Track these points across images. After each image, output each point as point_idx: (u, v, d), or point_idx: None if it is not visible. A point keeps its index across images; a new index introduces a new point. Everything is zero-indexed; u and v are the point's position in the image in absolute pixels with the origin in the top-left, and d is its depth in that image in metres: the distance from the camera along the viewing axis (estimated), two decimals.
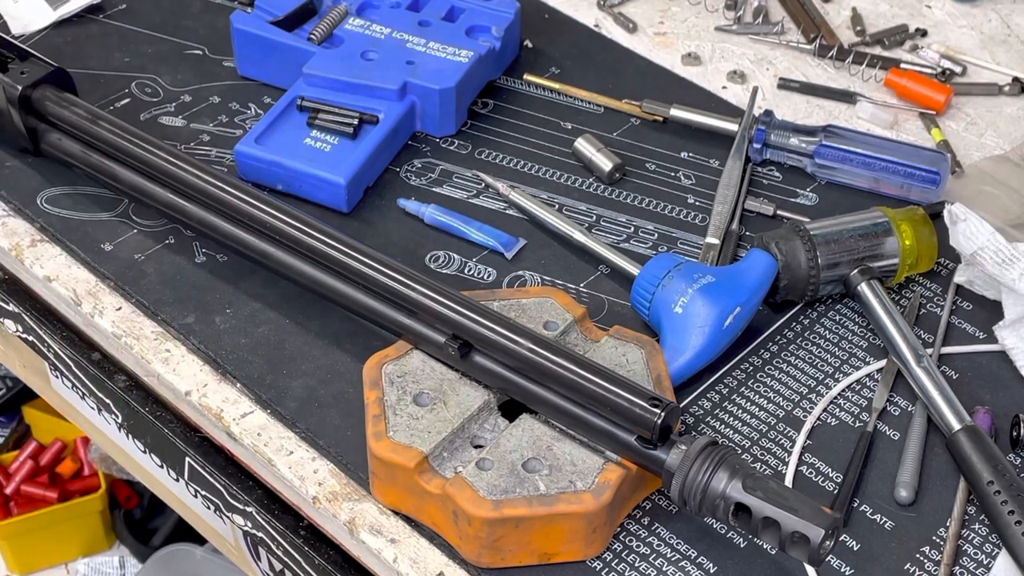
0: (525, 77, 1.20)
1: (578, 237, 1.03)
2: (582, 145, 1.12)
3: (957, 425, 0.89)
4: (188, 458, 1.00)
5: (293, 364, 0.94)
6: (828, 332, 0.99)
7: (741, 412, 0.93)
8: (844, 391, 0.95)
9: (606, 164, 1.10)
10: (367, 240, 1.01)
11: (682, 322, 0.93)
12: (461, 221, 1.05)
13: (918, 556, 0.85)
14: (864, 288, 0.98)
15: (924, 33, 1.29)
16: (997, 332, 0.98)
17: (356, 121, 1.07)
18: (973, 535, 0.86)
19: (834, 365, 0.97)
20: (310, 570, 0.95)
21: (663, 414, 0.80)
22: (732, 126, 1.13)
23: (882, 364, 0.97)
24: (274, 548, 0.97)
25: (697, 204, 1.09)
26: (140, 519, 1.83)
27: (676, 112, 1.15)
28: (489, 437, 0.85)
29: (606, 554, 0.84)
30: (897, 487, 0.88)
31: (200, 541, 1.70)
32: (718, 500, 0.80)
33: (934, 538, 0.86)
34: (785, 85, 1.22)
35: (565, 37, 1.26)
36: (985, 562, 0.85)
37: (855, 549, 0.85)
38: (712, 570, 0.84)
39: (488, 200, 1.08)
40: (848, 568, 0.84)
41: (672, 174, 1.12)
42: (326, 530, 0.91)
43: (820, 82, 1.23)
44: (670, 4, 1.32)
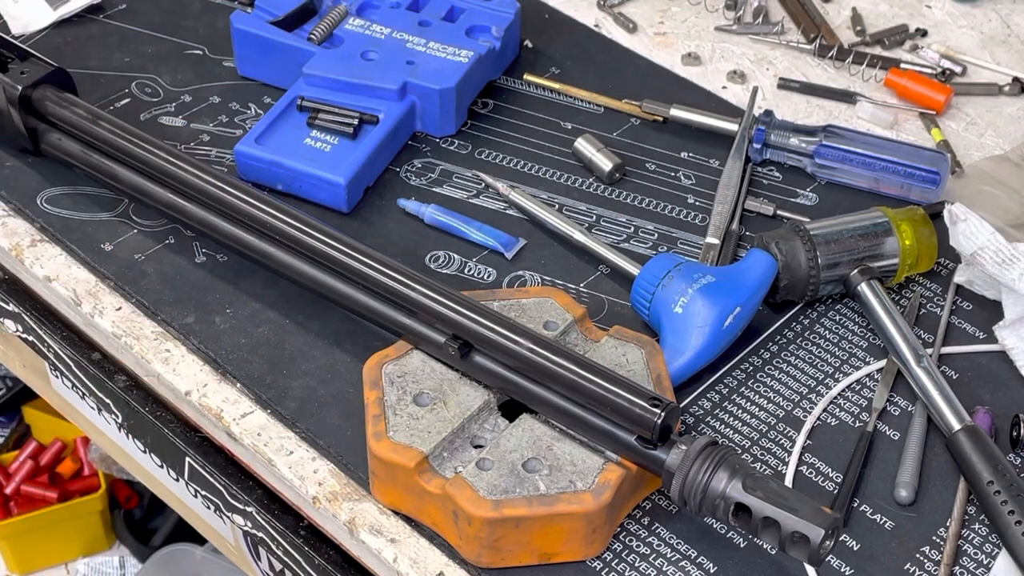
0: (525, 77, 1.20)
1: (578, 237, 1.03)
2: (582, 145, 1.12)
3: (957, 425, 0.89)
4: (188, 458, 1.00)
5: (293, 364, 0.94)
6: (828, 332, 0.99)
7: (741, 412, 0.93)
8: (844, 391, 0.95)
9: (606, 164, 1.10)
10: (367, 240, 1.01)
11: (682, 322, 0.93)
12: (461, 221, 1.05)
13: (918, 556, 0.85)
14: (864, 288, 0.98)
15: (924, 33, 1.29)
16: (997, 332, 0.98)
17: (356, 121, 1.07)
18: (973, 535, 0.86)
19: (834, 365, 0.97)
20: (310, 570, 0.95)
21: (663, 414, 0.80)
22: (732, 126, 1.13)
23: (882, 364, 0.96)
24: (274, 548, 0.97)
25: (697, 204, 1.09)
26: (140, 519, 1.83)
27: (676, 112, 1.15)
28: (489, 437, 0.85)
29: (606, 554, 0.84)
30: (897, 487, 0.88)
31: (200, 541, 1.70)
32: (718, 500, 0.80)
33: (934, 538, 0.86)
34: (785, 85, 1.22)
35: (565, 37, 1.26)
36: (985, 562, 0.85)
37: (855, 549, 0.85)
38: (712, 570, 0.84)
39: (488, 200, 1.08)
40: (848, 568, 0.84)
41: (672, 174, 1.12)
42: (326, 530, 0.91)
43: (820, 82, 1.23)
44: (670, 4, 1.32)
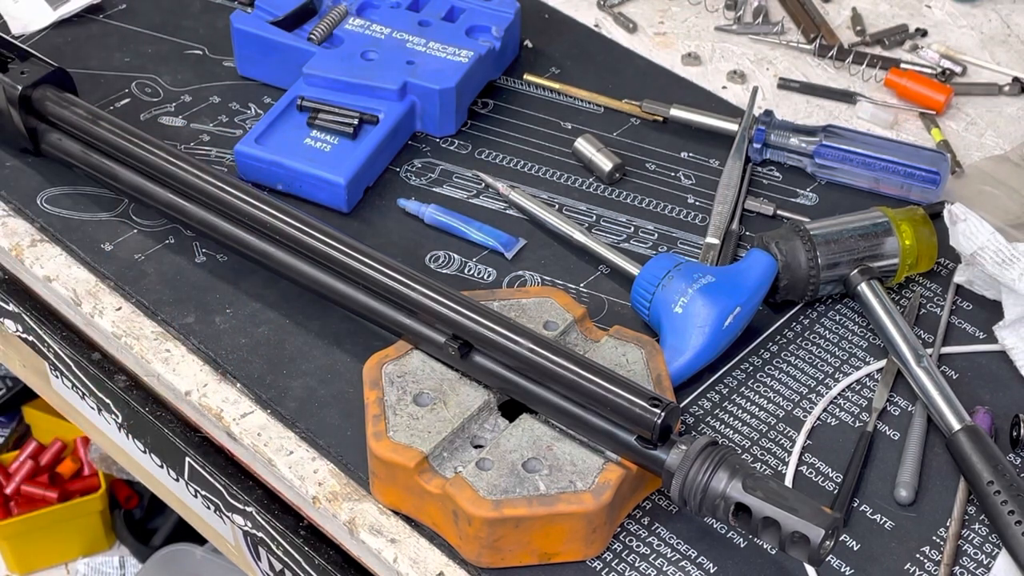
0: (525, 77, 1.20)
1: (578, 237, 1.03)
2: (582, 145, 1.12)
3: (957, 425, 0.89)
4: (188, 458, 1.00)
5: (293, 364, 0.94)
6: (828, 332, 0.99)
7: (741, 412, 0.93)
8: (844, 391, 0.95)
9: (606, 164, 1.10)
10: (367, 240, 1.01)
11: (682, 322, 0.93)
12: (461, 221, 1.05)
13: (918, 556, 0.85)
14: (864, 288, 0.98)
15: (924, 33, 1.29)
16: (997, 332, 0.98)
17: (356, 121, 1.07)
18: (973, 535, 0.86)
19: (834, 365, 0.97)
20: (310, 570, 0.95)
21: (663, 414, 0.80)
22: (732, 126, 1.13)
23: (882, 364, 0.96)
24: (274, 548, 0.97)
25: (697, 204, 1.09)
26: (140, 519, 1.83)
27: (676, 112, 1.15)
28: (489, 437, 0.85)
29: (606, 554, 0.84)
30: (897, 487, 0.88)
31: (200, 541, 1.70)
32: (718, 500, 0.79)
33: (934, 538, 0.86)
34: (785, 85, 1.22)
35: (565, 37, 1.26)
36: (985, 562, 0.85)
37: (855, 549, 0.85)
38: (712, 570, 0.84)
39: (488, 200, 1.08)
40: (848, 568, 0.84)
41: (672, 174, 1.12)
42: (326, 530, 0.91)
43: (820, 82, 1.23)
44: (670, 4, 1.32)
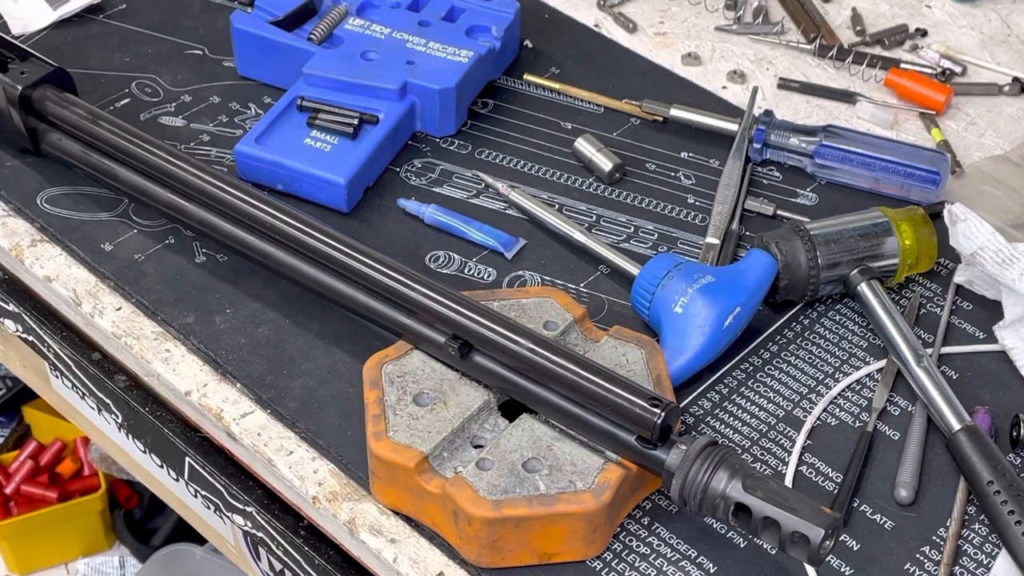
0: (525, 77, 1.20)
1: (578, 237, 1.03)
2: (582, 145, 1.12)
3: (957, 425, 0.89)
4: (188, 458, 1.00)
5: (293, 364, 0.94)
6: (828, 332, 0.99)
7: (741, 412, 0.93)
8: (844, 391, 0.95)
9: (606, 164, 1.10)
10: (367, 240, 1.01)
11: (682, 322, 0.93)
12: (461, 221, 1.05)
13: (918, 556, 0.85)
14: (864, 288, 0.98)
15: (924, 33, 1.29)
16: (997, 332, 0.98)
17: (356, 121, 1.07)
18: (973, 535, 0.86)
19: (834, 365, 0.97)
20: (310, 570, 0.95)
21: (663, 414, 0.80)
22: (732, 126, 1.13)
23: (882, 364, 0.96)
24: (274, 548, 0.97)
25: (697, 204, 1.09)
26: (140, 519, 1.83)
27: (676, 112, 1.15)
28: (489, 437, 0.85)
29: (606, 554, 0.84)
30: (897, 487, 0.88)
31: (200, 541, 1.70)
32: (718, 500, 0.79)
33: (934, 538, 0.86)
34: (785, 85, 1.22)
35: (565, 37, 1.26)
36: (985, 562, 0.85)
37: (855, 549, 0.85)
38: (712, 570, 0.84)
39: (488, 200, 1.08)
40: (848, 568, 0.84)
41: (672, 174, 1.12)
42: (326, 530, 0.91)
43: (820, 82, 1.23)
44: (670, 4, 1.32)
